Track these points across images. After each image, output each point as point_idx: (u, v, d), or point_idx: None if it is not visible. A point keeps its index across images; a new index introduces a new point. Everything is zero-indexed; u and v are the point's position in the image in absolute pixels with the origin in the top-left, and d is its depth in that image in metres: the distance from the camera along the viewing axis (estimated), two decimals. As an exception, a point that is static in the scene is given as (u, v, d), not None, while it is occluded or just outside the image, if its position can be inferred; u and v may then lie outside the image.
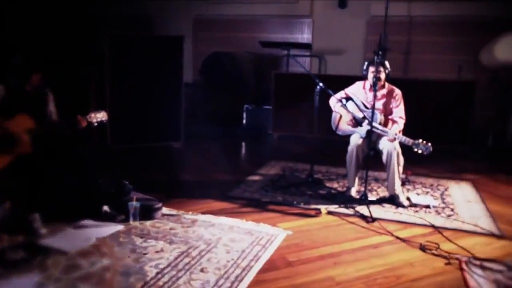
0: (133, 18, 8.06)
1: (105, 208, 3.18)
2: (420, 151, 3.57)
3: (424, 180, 4.49)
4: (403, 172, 3.93)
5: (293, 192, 3.98)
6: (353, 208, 3.58)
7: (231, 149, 5.92)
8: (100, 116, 3.26)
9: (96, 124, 3.25)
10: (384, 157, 3.77)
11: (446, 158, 5.44)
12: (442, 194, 4.05)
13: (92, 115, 3.23)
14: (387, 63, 3.88)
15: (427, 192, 4.09)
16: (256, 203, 3.68)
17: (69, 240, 2.79)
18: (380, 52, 3.61)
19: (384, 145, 3.78)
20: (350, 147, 3.84)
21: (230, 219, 3.26)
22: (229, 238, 2.93)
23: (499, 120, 6.14)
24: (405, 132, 3.86)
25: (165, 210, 3.36)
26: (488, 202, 3.87)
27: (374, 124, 3.71)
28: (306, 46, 6.95)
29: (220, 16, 8.00)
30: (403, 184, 4.22)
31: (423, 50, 7.11)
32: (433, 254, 2.80)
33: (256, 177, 4.42)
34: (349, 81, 4.16)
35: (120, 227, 3.02)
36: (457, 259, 2.72)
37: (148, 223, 3.12)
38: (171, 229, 3.05)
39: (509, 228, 3.28)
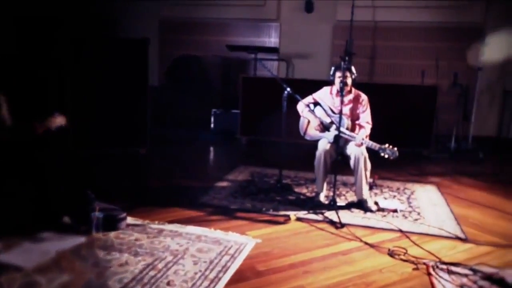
0: (97, 20, 7.82)
1: (66, 219, 3.03)
2: (386, 156, 3.60)
3: (391, 184, 4.55)
4: (371, 177, 3.96)
5: (262, 198, 3.93)
6: (322, 214, 3.56)
7: (199, 154, 5.83)
8: (58, 121, 3.10)
9: (54, 130, 3.09)
10: (351, 162, 3.78)
11: (411, 162, 5.55)
12: (408, 198, 4.11)
13: (50, 120, 3.07)
14: (353, 68, 3.90)
15: (394, 196, 4.14)
16: (224, 210, 3.61)
17: (26, 254, 2.63)
18: (347, 58, 3.61)
19: (351, 150, 3.80)
20: (318, 153, 3.84)
21: (198, 228, 3.17)
22: (197, 248, 2.84)
23: (461, 123, 6.32)
24: (372, 136, 3.89)
25: (130, 220, 3.24)
26: (452, 205, 3.95)
27: (341, 129, 3.72)
28: (273, 50, 6.95)
29: (187, 19, 7.89)
30: (370, 188, 4.26)
31: (388, 55, 7.25)
32: (401, 259, 2.81)
33: (225, 183, 4.35)
34: (316, 85, 4.16)
35: (81, 239, 2.88)
36: (424, 264, 2.75)
37: (112, 234, 2.99)
38: (136, 240, 2.93)
39: (472, 231, 3.34)
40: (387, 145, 3.60)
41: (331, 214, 3.53)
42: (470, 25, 6.86)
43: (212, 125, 6.88)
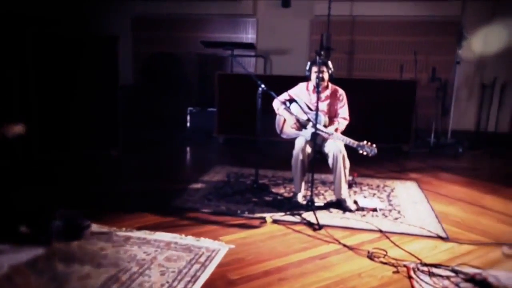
0: (68, 17, 7.52)
1: (23, 228, 2.81)
2: (365, 153, 3.47)
3: (371, 181, 4.44)
4: (350, 174, 3.84)
5: (237, 200, 3.77)
6: (300, 215, 3.42)
7: (174, 155, 5.62)
8: (16, 129, 2.88)
9: (10, 138, 2.87)
10: (330, 161, 3.65)
11: (391, 158, 5.47)
12: (388, 196, 4.00)
13: (7, 128, 2.85)
14: (330, 63, 3.76)
15: (374, 194, 4.03)
16: (197, 214, 3.43)
17: (-24, 270, 2.41)
18: (322, 52, 3.47)
19: (329, 148, 3.66)
20: (295, 151, 3.69)
21: (168, 234, 2.99)
22: (165, 257, 2.66)
23: (440, 118, 6.27)
24: (351, 132, 3.77)
25: (95, 227, 3.04)
26: (433, 202, 3.86)
27: (318, 126, 3.58)
28: (249, 46, 6.78)
29: (162, 15, 7.65)
30: (349, 186, 4.14)
31: (366, 50, 7.16)
32: (381, 262, 2.68)
33: (199, 185, 4.17)
34: (294, 81, 4.00)
35: (39, 250, 2.67)
36: (405, 266, 2.63)
37: (74, 244, 2.79)
38: (100, 249, 2.74)
39: (453, 229, 3.25)
40: (365, 142, 3.48)
41: (309, 215, 3.39)
42: (447, 19, 6.81)
43: (188, 124, 6.68)
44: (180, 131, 6.68)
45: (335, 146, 3.60)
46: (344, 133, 3.72)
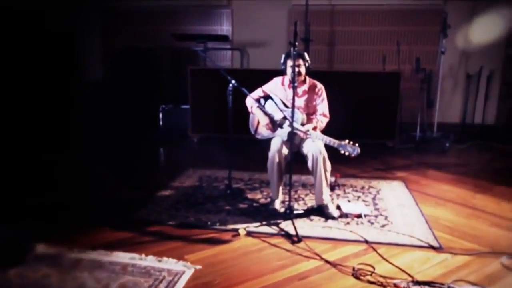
0: (33, 12, 6.98)
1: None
2: (347, 153, 3.14)
3: (355, 182, 4.13)
4: (332, 175, 3.52)
5: (208, 208, 3.41)
6: (277, 225, 3.08)
7: (144, 157, 5.21)
8: None
9: None
10: (309, 163, 3.31)
11: (376, 155, 5.17)
12: (374, 198, 3.69)
13: None
14: (306, 55, 3.41)
15: (358, 197, 3.71)
16: (162, 227, 3.06)
17: None
18: (297, 43, 3.12)
19: (308, 148, 3.32)
20: (271, 153, 3.34)
21: (127, 255, 2.62)
22: (120, 283, 2.29)
23: (425, 111, 6.00)
24: (331, 130, 3.45)
25: (42, 248, 2.65)
26: (422, 204, 3.56)
27: (295, 124, 3.24)
28: (223, 38, 6.38)
29: (132, 8, 7.18)
30: (332, 189, 3.82)
31: (347, 40, 6.84)
32: (368, 281, 2.36)
33: (168, 192, 3.79)
34: (273, 75, 3.62)
35: (-31, 282, 2.27)
36: (395, 285, 2.31)
37: (12, 271, 2.39)
38: (43, 277, 2.35)
39: (446, 237, 2.95)
40: (347, 141, 3.15)
41: (287, 225, 3.05)
42: (430, 7, 6.53)
43: (161, 123, 6.27)
44: (152, 131, 6.27)
45: (314, 147, 3.26)
46: (325, 131, 3.39)
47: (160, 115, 6.25)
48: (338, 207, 3.41)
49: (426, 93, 5.84)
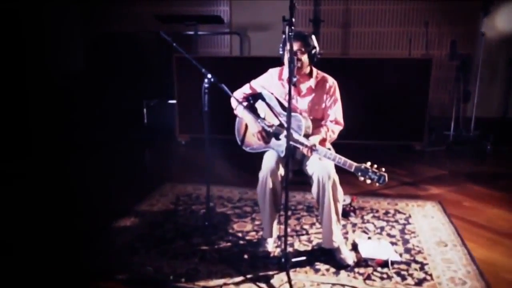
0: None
1: None
2: (368, 181, 2.19)
3: (376, 204, 3.17)
4: (346, 193, 2.60)
5: (178, 249, 2.50)
6: (268, 281, 2.17)
7: (113, 167, 4.18)
8: None
9: None
10: (314, 188, 2.37)
11: (401, 163, 4.19)
12: (403, 231, 2.74)
13: None
14: (313, 38, 2.44)
15: (382, 230, 2.76)
16: (108, 284, 2.17)
17: None
18: (293, 19, 2.16)
19: (313, 168, 2.38)
20: (262, 175, 2.41)
21: None
22: None
23: (460, 105, 4.97)
24: (345, 131, 2.53)
25: None
26: (469, 240, 2.61)
27: (295, 136, 2.31)
28: (215, 20, 5.41)
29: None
30: (346, 215, 2.89)
31: (365, 21, 5.80)
32: None
33: (129, 221, 2.89)
34: (279, 63, 2.65)
35: None
36: None
37: None
38: None
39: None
40: (368, 164, 2.19)
41: (282, 283, 2.13)
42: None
43: (145, 120, 5.38)
44: (135, 129, 5.37)
45: (321, 167, 2.32)
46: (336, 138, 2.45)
47: (144, 111, 5.36)
48: (354, 247, 2.48)
49: (462, 83, 4.80)
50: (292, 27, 2.08)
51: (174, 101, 5.01)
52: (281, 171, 2.39)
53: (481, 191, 3.47)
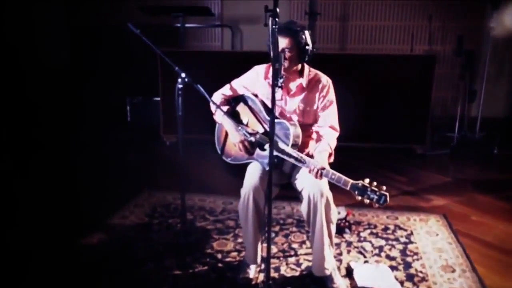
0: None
1: None
2: (367, 200, 1.86)
3: (374, 218, 2.86)
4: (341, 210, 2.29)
5: (145, 275, 2.18)
6: (247, 318, 1.85)
7: (89, 171, 3.81)
8: None
9: None
10: (303, 207, 2.05)
11: (401, 167, 3.87)
12: (404, 251, 2.43)
13: None
14: (306, 32, 2.10)
15: (380, 250, 2.45)
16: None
17: None
18: (278, 9, 1.82)
19: (304, 183, 2.06)
20: (244, 192, 2.08)
21: None
22: None
23: (466, 104, 4.64)
24: (340, 135, 2.20)
25: None
26: (479, 264, 2.30)
27: (281, 145, 1.99)
28: (204, 12, 5.04)
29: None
30: (340, 231, 2.58)
31: (364, 14, 5.44)
32: None
33: (96, 238, 2.55)
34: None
35: None
36: None
37: None
38: None
39: None
40: (367, 181, 1.86)
41: (262, 321, 1.81)
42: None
43: (128, 119, 5.04)
44: (118, 128, 5.03)
45: (313, 183, 1.99)
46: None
47: (128, 109, 5.02)
48: (349, 272, 2.17)
49: (467, 81, 4.46)
50: (277, 19, 1.72)
51: (158, 98, 4.67)
52: (264, 187, 2.06)
53: (489, 203, 3.16)
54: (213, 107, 2.28)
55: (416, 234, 2.64)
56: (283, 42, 2.00)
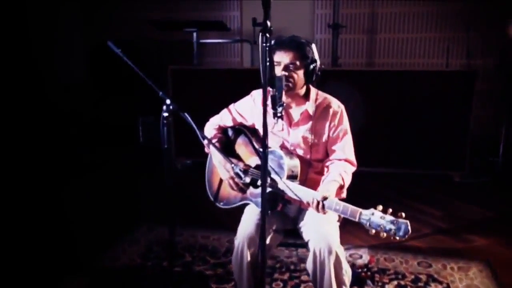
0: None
1: None
2: (383, 234, 1.44)
3: (403, 265, 2.42)
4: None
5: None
6: None
7: (91, 196, 3.55)
8: None
9: None
10: (309, 263, 1.67)
11: (434, 199, 3.41)
12: (438, 313, 1.99)
13: None
14: (313, 48, 1.75)
15: (409, 310, 2.02)
16: None
17: None
18: (269, 25, 1.50)
19: (310, 235, 1.69)
20: (237, 243, 1.72)
21: None
22: None
23: (508, 125, 4.12)
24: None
25: None
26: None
27: (283, 181, 1.63)
28: (218, 26, 4.75)
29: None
30: (361, 285, 2.15)
31: (394, 27, 5.03)
32: None
33: (81, 285, 2.25)
34: None
35: None
36: None
37: None
38: None
39: None
40: (380, 208, 1.45)
41: None
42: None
43: (141, 139, 4.80)
44: (128, 149, 4.80)
45: (320, 235, 1.62)
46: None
47: (140, 128, 4.79)
48: None
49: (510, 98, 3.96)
50: (268, 34, 1.38)
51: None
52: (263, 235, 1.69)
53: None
54: (207, 133, 1.95)
55: (453, 286, 2.19)
56: (285, 58, 1.67)
